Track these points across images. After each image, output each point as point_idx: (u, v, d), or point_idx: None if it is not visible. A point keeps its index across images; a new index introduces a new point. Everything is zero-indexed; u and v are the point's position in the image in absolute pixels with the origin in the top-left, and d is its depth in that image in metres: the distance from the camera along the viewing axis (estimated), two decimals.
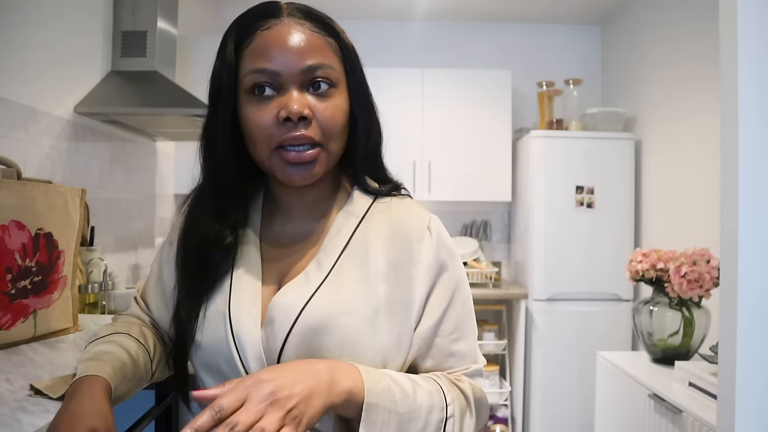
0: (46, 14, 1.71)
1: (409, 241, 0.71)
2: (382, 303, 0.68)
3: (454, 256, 0.76)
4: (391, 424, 0.61)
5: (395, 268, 0.70)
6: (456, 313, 0.73)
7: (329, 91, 0.70)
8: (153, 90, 2.05)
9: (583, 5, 3.38)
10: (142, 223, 2.44)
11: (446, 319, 0.72)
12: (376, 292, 0.69)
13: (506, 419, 3.11)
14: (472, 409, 0.70)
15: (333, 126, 0.70)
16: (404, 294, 0.69)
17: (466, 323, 0.75)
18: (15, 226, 0.98)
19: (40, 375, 0.84)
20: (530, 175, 3.13)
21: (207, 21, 3.21)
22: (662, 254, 1.96)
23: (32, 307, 1.03)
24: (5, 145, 1.51)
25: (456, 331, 0.73)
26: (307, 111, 0.67)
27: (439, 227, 0.75)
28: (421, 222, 0.73)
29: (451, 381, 0.71)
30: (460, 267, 0.76)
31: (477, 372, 0.75)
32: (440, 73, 3.37)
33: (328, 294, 0.68)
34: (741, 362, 1.04)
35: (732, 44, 1.06)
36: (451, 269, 0.74)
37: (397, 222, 0.73)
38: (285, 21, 0.70)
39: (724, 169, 1.10)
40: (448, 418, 0.66)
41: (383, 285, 0.69)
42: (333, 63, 0.70)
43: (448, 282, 0.73)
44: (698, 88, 2.59)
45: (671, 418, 1.64)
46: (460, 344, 0.73)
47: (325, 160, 0.71)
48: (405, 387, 0.64)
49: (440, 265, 0.73)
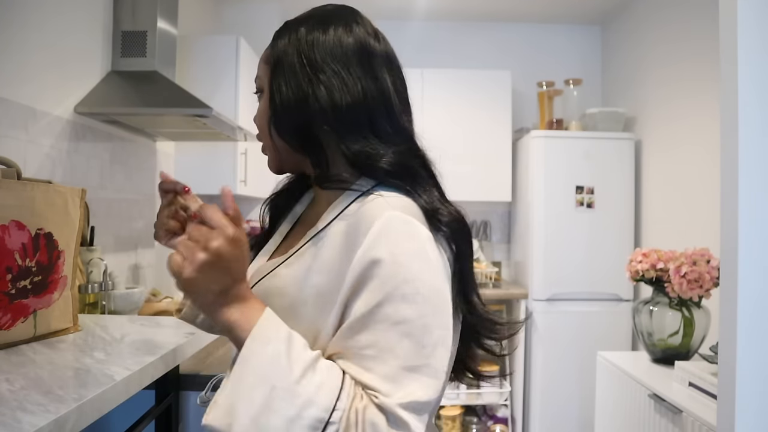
0: (45, 14, 1.71)
1: (358, 236, 0.65)
2: (313, 295, 0.67)
3: (402, 265, 0.62)
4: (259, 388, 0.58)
5: (340, 261, 0.66)
6: (377, 330, 0.61)
7: (260, 97, 0.80)
8: (153, 90, 2.04)
9: (583, 5, 3.38)
10: (142, 223, 2.44)
11: (361, 332, 0.62)
12: (311, 284, 0.67)
13: (506, 419, 3.11)
14: None
15: (258, 122, 0.79)
16: (334, 290, 0.65)
17: (389, 348, 0.60)
18: (15, 226, 0.98)
19: (40, 375, 0.84)
20: (530, 175, 3.13)
21: (207, 21, 3.21)
22: (662, 254, 1.96)
23: (32, 307, 1.03)
24: (5, 145, 1.51)
25: (371, 348, 0.61)
26: (254, 118, 0.81)
27: (390, 229, 0.63)
28: (372, 216, 0.65)
29: (355, 393, 0.60)
30: (408, 281, 0.62)
31: (386, 408, 0.58)
32: (440, 73, 3.37)
33: (277, 274, 0.72)
34: (741, 362, 1.04)
35: (732, 44, 1.06)
36: (384, 271, 0.62)
37: (357, 218, 0.67)
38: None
39: (724, 169, 1.10)
40: (330, 423, 0.57)
41: (321, 278, 0.67)
42: (261, 72, 0.78)
43: (375, 287, 0.62)
44: (698, 88, 2.59)
45: (671, 418, 1.64)
46: (374, 369, 0.60)
47: (271, 153, 0.80)
48: (294, 366, 0.58)
49: (368, 264, 0.62)
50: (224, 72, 2.62)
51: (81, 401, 0.72)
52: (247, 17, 3.35)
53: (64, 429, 0.68)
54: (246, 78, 2.69)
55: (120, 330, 1.20)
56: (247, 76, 2.71)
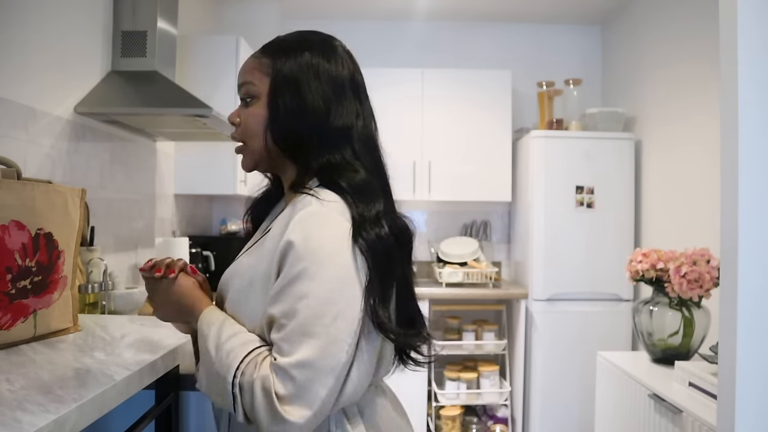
0: (45, 14, 1.71)
1: (286, 226, 0.79)
2: (259, 276, 0.82)
3: (310, 250, 0.75)
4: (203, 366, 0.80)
5: (274, 249, 0.79)
6: (286, 301, 0.74)
7: (251, 102, 0.89)
8: (153, 90, 2.05)
9: (583, 5, 3.38)
10: (142, 223, 2.44)
11: (276, 302, 0.76)
12: (258, 267, 0.82)
13: (506, 419, 3.11)
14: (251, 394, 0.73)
15: (245, 126, 0.89)
16: (270, 270, 0.79)
17: (293, 314, 0.74)
18: (15, 226, 0.98)
19: (40, 375, 0.84)
20: (530, 175, 3.13)
21: (207, 21, 3.21)
22: (662, 254, 1.96)
23: (32, 307, 1.03)
24: (5, 145, 1.51)
25: (283, 317, 0.74)
26: (237, 119, 0.91)
27: (306, 219, 0.77)
28: (296, 208, 0.80)
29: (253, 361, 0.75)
30: (314, 261, 0.74)
31: (279, 367, 0.72)
32: (440, 73, 3.37)
33: (237, 262, 0.90)
34: (741, 362, 1.04)
35: (732, 44, 1.06)
36: (296, 253, 0.75)
37: (291, 212, 0.81)
38: (250, 56, 0.92)
39: (724, 169, 1.10)
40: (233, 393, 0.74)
41: (263, 263, 0.81)
42: (255, 80, 0.88)
43: (288, 266, 0.76)
44: (698, 88, 2.59)
45: (671, 418, 1.64)
46: (280, 332, 0.74)
47: (250, 154, 0.91)
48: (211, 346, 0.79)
49: (285, 246, 0.76)
50: (224, 72, 2.62)
51: (81, 401, 0.72)
52: (247, 17, 3.35)
53: (64, 429, 0.68)
54: None
55: (120, 330, 1.20)
56: None
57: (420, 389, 3.04)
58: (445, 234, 3.61)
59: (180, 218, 2.88)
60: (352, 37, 3.89)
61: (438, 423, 3.11)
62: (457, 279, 3.19)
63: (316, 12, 3.55)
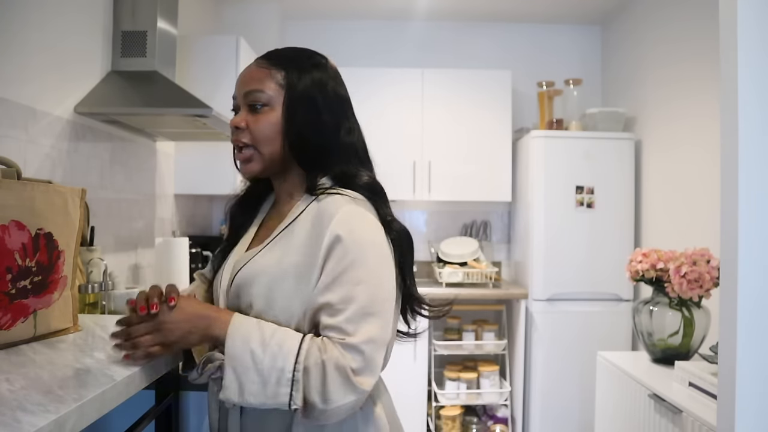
0: (46, 15, 1.71)
1: (321, 224, 0.88)
2: (292, 270, 0.88)
3: (356, 242, 0.86)
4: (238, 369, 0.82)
5: (310, 244, 0.88)
6: (343, 288, 0.84)
7: (262, 109, 0.94)
8: (153, 90, 2.05)
9: (583, 5, 3.38)
10: (142, 223, 2.44)
11: (331, 290, 0.85)
12: (290, 260, 0.89)
13: (506, 419, 3.11)
14: (321, 375, 0.81)
15: (258, 132, 0.94)
16: (311, 264, 0.87)
17: (352, 299, 0.84)
18: (15, 226, 0.98)
19: (40, 375, 0.84)
20: (530, 175, 3.13)
21: (207, 21, 3.21)
22: (662, 254, 1.96)
23: (32, 307, 1.03)
24: (5, 145, 1.51)
25: (340, 303, 0.84)
26: (243, 123, 0.95)
27: (348, 216, 0.88)
28: (334, 207, 0.89)
29: (317, 347, 0.82)
30: (360, 250, 0.86)
31: (350, 346, 0.82)
32: (440, 73, 3.37)
33: (258, 259, 0.93)
34: (741, 362, 1.04)
35: (732, 44, 1.06)
36: (345, 245, 0.85)
37: (320, 210, 0.90)
38: (253, 62, 0.98)
39: (724, 169, 1.10)
40: (295, 381, 0.80)
41: (297, 257, 0.89)
42: (267, 88, 0.94)
43: (338, 256, 0.85)
44: (698, 88, 2.59)
45: (671, 418, 1.64)
46: (340, 316, 0.83)
47: (260, 159, 0.96)
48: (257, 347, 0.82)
49: (333, 239, 0.85)
50: (224, 72, 2.62)
51: (81, 401, 0.72)
52: (247, 17, 3.35)
53: (64, 429, 0.68)
54: None
55: None
56: None
57: (420, 389, 3.04)
58: (445, 234, 3.61)
59: (180, 218, 2.88)
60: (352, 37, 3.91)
61: (438, 423, 3.11)
62: (457, 279, 3.19)
63: (316, 12, 3.55)
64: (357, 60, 3.60)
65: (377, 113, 3.25)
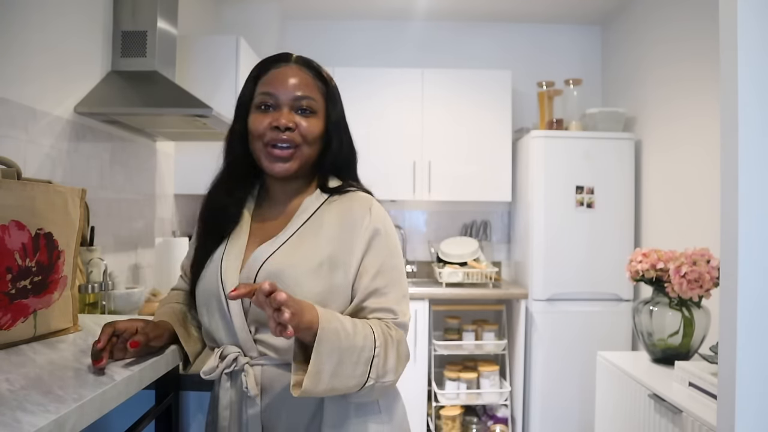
0: (46, 15, 1.71)
1: (354, 217, 0.98)
2: (325, 260, 0.95)
3: (390, 234, 1.00)
4: (334, 353, 0.85)
5: (342, 236, 0.97)
6: (387, 274, 0.97)
7: (310, 114, 1.02)
8: (153, 90, 2.04)
9: (583, 5, 3.38)
10: (142, 223, 2.44)
11: (378, 277, 0.96)
12: (323, 254, 0.95)
13: (506, 419, 3.11)
14: (395, 351, 0.93)
15: (309, 135, 1.01)
16: (347, 254, 0.96)
17: (396, 283, 0.98)
18: (15, 226, 0.98)
19: (40, 375, 0.84)
20: (530, 175, 3.13)
21: (207, 21, 3.21)
22: (662, 254, 1.96)
23: (32, 307, 1.03)
24: (5, 145, 1.51)
25: (386, 287, 0.96)
26: (292, 124, 1.00)
27: (380, 210, 1.02)
28: (365, 204, 1.01)
29: (382, 328, 0.93)
30: (394, 241, 1.00)
31: (401, 324, 0.97)
32: (440, 73, 3.37)
33: (284, 251, 0.97)
34: (741, 362, 1.04)
35: (732, 44, 1.06)
36: (383, 237, 0.98)
37: (348, 206, 1.01)
38: (291, 65, 1.04)
39: (724, 169, 1.10)
40: (375, 357, 0.89)
41: (329, 247, 0.96)
42: (316, 97, 1.03)
43: (379, 247, 0.97)
44: (698, 88, 2.59)
45: (671, 418, 1.64)
46: (389, 298, 0.96)
47: (299, 159, 1.01)
48: (348, 329, 0.88)
49: (373, 232, 0.98)
50: (224, 72, 2.62)
51: (81, 401, 0.72)
52: (247, 17, 3.35)
53: (64, 429, 0.68)
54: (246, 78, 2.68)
55: None
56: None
57: (420, 389, 3.04)
58: (445, 234, 3.61)
59: (180, 218, 2.88)
60: (352, 37, 3.92)
61: (438, 423, 3.11)
62: (457, 279, 3.19)
63: (316, 12, 3.55)
64: (357, 60, 3.60)
65: (377, 113, 3.25)
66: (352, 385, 0.88)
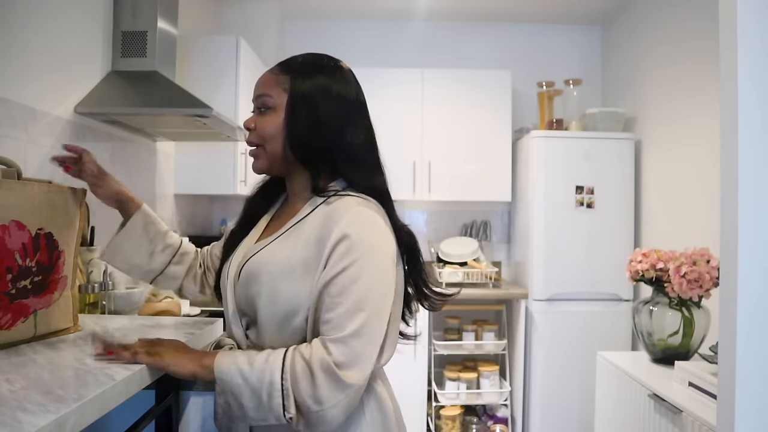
0: (46, 15, 1.71)
1: (330, 223, 0.92)
2: (300, 264, 0.92)
3: (361, 242, 0.90)
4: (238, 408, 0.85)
5: (319, 241, 0.92)
6: (342, 283, 0.88)
7: (266, 112, 1.00)
8: (153, 90, 2.05)
9: (583, 5, 3.38)
10: None
11: (331, 285, 0.88)
12: (299, 255, 0.93)
13: (506, 419, 3.11)
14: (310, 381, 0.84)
15: (263, 132, 1.00)
16: (318, 259, 0.91)
17: (348, 294, 0.87)
18: (15, 225, 0.98)
19: (40, 375, 0.84)
20: (530, 175, 3.13)
21: (207, 21, 3.21)
22: (662, 254, 1.96)
23: (32, 307, 1.03)
24: (5, 145, 1.51)
25: (337, 297, 0.88)
26: (251, 125, 1.01)
27: (358, 217, 0.92)
28: (344, 211, 0.93)
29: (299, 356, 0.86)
30: (364, 250, 0.90)
31: (337, 340, 0.86)
32: (440, 73, 3.37)
33: (266, 251, 0.97)
34: (741, 362, 1.04)
35: (732, 44, 1.06)
36: (349, 244, 0.89)
37: (330, 209, 0.95)
38: (267, 70, 1.04)
39: (724, 169, 1.10)
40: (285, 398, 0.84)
41: (306, 251, 0.92)
42: (273, 93, 1.00)
43: (341, 254, 0.89)
44: (698, 88, 2.59)
45: (671, 418, 1.64)
46: (336, 311, 0.87)
47: (265, 157, 1.01)
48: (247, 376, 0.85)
49: (340, 237, 0.89)
50: (224, 72, 2.62)
51: (81, 401, 0.72)
52: (247, 17, 3.35)
53: (64, 429, 0.68)
54: (246, 78, 2.69)
55: (120, 330, 1.20)
56: (247, 76, 2.71)
57: (420, 389, 3.04)
58: (445, 234, 3.61)
59: (180, 218, 2.88)
60: (352, 37, 3.91)
61: (438, 423, 3.11)
62: (457, 279, 3.19)
63: (316, 12, 3.55)
64: (357, 60, 3.58)
65: (377, 113, 3.18)
66: (275, 416, 0.85)
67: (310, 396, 0.83)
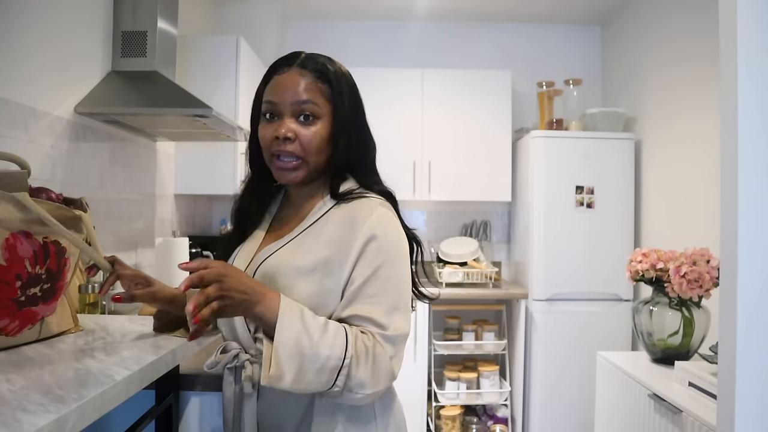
0: (46, 15, 1.71)
1: (355, 223, 0.93)
2: (321, 264, 0.92)
3: (389, 241, 0.93)
4: (294, 359, 0.83)
5: (341, 241, 0.93)
6: (379, 283, 0.90)
7: (312, 121, 0.97)
8: (153, 90, 2.05)
9: (583, 5, 3.38)
10: (142, 223, 2.44)
11: (368, 285, 0.90)
12: (319, 257, 0.93)
13: (506, 419, 3.11)
14: (370, 366, 0.86)
15: (310, 145, 0.96)
16: (342, 259, 0.92)
17: (387, 293, 0.91)
18: (25, 234, 0.98)
19: (40, 375, 0.84)
20: (530, 175, 3.13)
21: (207, 21, 3.21)
22: (662, 254, 1.96)
23: (40, 315, 1.02)
24: (5, 145, 1.51)
25: (375, 297, 0.90)
26: (291, 133, 0.96)
27: (383, 218, 0.95)
28: (368, 211, 0.94)
29: (363, 340, 0.87)
30: (394, 249, 0.93)
31: (389, 338, 0.89)
32: (440, 73, 3.37)
33: (282, 252, 0.97)
34: (741, 362, 1.04)
35: (732, 44, 1.06)
36: (379, 243, 0.91)
37: (351, 212, 0.95)
38: (293, 69, 0.99)
39: (724, 169, 1.10)
40: (343, 367, 0.84)
41: (327, 252, 0.93)
42: (318, 101, 0.97)
43: (373, 254, 0.91)
44: (698, 88, 2.59)
45: (671, 418, 1.64)
46: (376, 309, 0.89)
47: (305, 169, 0.98)
48: (312, 334, 0.84)
49: (369, 237, 0.91)
50: (224, 72, 2.62)
51: (81, 401, 0.72)
52: (247, 17, 3.35)
53: (65, 429, 0.68)
54: (246, 78, 2.69)
55: (120, 330, 1.20)
56: (248, 76, 2.71)
57: (420, 389, 3.04)
58: (445, 234, 3.61)
59: (180, 218, 2.88)
60: (352, 36, 3.92)
61: (438, 423, 3.11)
62: (457, 279, 3.19)
63: (316, 12, 3.55)
64: (357, 60, 3.60)
65: (377, 113, 3.21)
66: (315, 389, 0.86)
67: (363, 383, 0.86)
